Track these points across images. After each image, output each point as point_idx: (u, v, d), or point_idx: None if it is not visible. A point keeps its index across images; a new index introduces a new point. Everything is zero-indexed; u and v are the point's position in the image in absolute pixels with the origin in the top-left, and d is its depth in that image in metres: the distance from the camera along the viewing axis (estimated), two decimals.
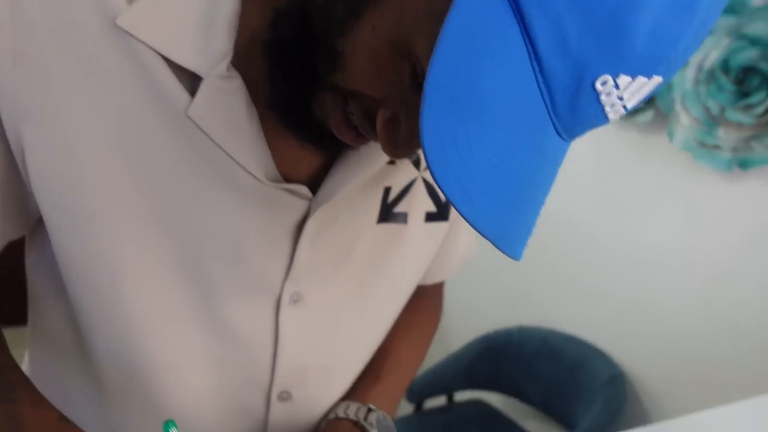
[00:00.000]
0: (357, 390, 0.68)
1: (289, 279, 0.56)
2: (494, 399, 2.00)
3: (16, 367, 0.55)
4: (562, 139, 0.38)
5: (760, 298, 1.44)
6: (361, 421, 0.63)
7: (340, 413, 0.64)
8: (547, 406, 1.86)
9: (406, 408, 2.00)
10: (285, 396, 0.61)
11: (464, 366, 1.89)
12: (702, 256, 1.55)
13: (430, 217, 0.63)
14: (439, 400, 2.00)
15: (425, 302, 0.79)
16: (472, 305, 2.22)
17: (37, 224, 0.54)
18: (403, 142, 0.41)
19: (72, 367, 0.60)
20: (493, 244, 0.36)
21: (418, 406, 1.96)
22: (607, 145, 1.73)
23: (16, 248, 0.58)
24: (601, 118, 0.37)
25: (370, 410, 0.64)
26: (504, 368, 1.90)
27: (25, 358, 0.67)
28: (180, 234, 0.51)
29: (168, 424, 0.44)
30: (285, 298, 0.57)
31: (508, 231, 0.37)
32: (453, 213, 0.66)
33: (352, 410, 0.64)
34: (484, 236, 0.36)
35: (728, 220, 1.50)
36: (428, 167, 0.34)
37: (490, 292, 2.16)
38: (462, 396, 2.01)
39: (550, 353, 1.85)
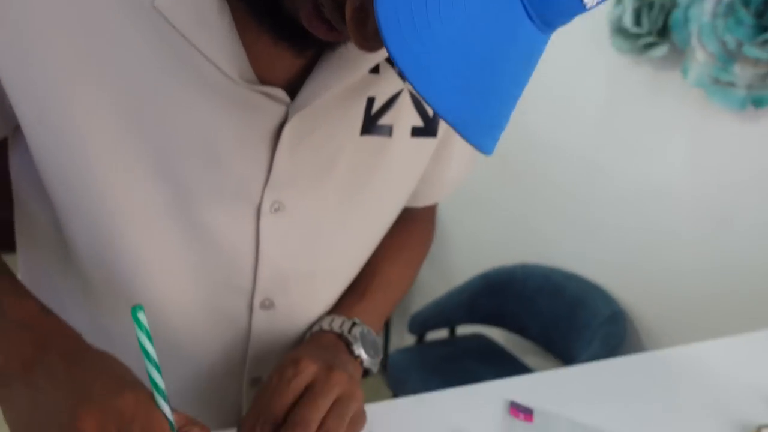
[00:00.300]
0: (343, 305, 0.68)
1: (269, 187, 0.55)
2: (495, 333, 2.03)
3: (1, 263, 0.56)
4: (537, 28, 0.36)
5: (764, 238, 1.44)
6: (345, 334, 0.63)
7: (325, 326, 0.64)
8: (548, 341, 1.88)
9: (408, 339, 2.05)
10: (267, 304, 0.62)
11: (466, 300, 1.92)
12: (709, 195, 1.53)
13: (416, 132, 0.61)
14: (441, 333, 2.04)
15: (416, 225, 0.78)
16: (476, 241, 2.23)
17: (17, 127, 0.53)
18: (373, 34, 0.39)
19: (59, 269, 0.61)
20: (454, 129, 0.35)
21: (420, 338, 1.99)
22: (619, 80, 1.70)
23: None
24: (577, 2, 0.35)
25: (354, 324, 0.64)
26: (506, 304, 1.92)
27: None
28: (151, 133, 0.50)
29: (135, 308, 0.43)
30: (265, 207, 0.56)
31: (474, 120, 0.36)
32: (443, 131, 0.64)
33: (337, 323, 0.64)
34: (444, 119, 0.34)
35: (739, 160, 1.47)
36: (383, 43, 0.33)
37: (495, 228, 2.17)
38: (464, 330, 2.04)
39: (552, 290, 1.86)
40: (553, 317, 1.85)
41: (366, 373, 0.63)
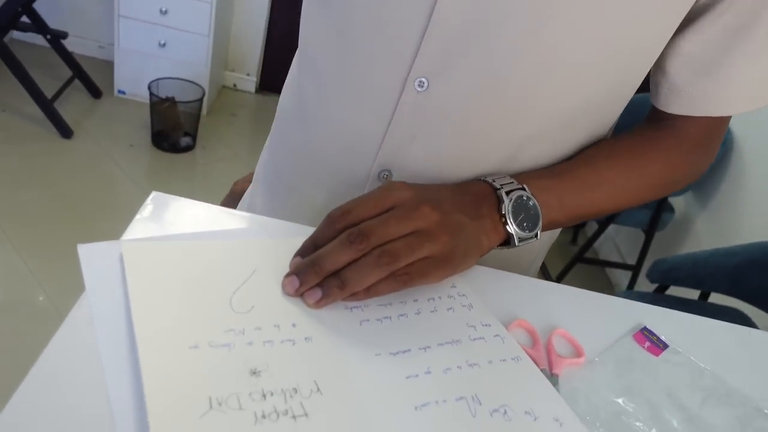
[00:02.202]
0: (523, 174, 0.60)
1: None
2: (761, 320, 1.61)
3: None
4: None
5: None
6: (501, 189, 0.56)
7: (488, 178, 0.58)
8: None
9: (645, 285, 1.75)
10: (422, 84, 0.56)
11: (732, 266, 1.52)
12: None
13: None
14: (688, 293, 1.69)
15: (673, 141, 0.63)
16: None
17: None
18: None
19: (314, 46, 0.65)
20: None
21: (662, 289, 1.68)
22: None
23: None
24: None
25: (521, 189, 0.56)
26: None
27: None
28: None
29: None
30: None
31: None
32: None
33: (501, 180, 0.57)
34: None
35: None
36: None
37: None
38: (719, 299, 1.66)
39: None
40: None
41: (507, 242, 0.56)
